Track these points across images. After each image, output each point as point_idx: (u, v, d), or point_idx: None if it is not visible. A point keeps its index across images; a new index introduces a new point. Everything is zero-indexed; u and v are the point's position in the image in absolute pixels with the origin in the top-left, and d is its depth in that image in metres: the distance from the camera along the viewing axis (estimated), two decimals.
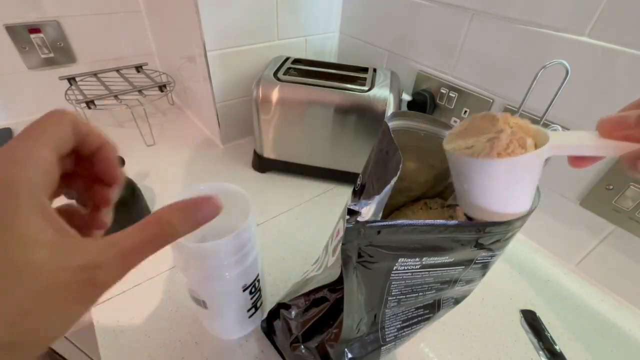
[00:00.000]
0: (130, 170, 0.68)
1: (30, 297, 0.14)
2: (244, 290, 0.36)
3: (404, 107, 0.69)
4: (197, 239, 0.35)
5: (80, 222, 0.20)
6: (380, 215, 0.26)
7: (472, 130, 0.26)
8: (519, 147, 0.23)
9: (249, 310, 0.39)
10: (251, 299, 0.38)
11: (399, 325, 0.32)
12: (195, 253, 0.30)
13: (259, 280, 0.38)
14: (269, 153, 0.69)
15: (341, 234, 0.24)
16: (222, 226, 0.35)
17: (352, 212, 0.22)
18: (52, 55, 0.79)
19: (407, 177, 0.42)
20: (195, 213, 0.19)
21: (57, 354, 0.62)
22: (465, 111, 0.62)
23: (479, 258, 0.28)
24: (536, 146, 0.23)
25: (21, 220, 0.14)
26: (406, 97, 0.65)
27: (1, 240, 0.13)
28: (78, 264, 0.15)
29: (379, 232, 0.22)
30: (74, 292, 0.15)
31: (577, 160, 0.24)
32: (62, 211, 0.20)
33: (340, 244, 0.23)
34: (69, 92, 0.76)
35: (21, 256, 0.14)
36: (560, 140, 0.23)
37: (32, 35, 0.75)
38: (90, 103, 0.71)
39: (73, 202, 0.21)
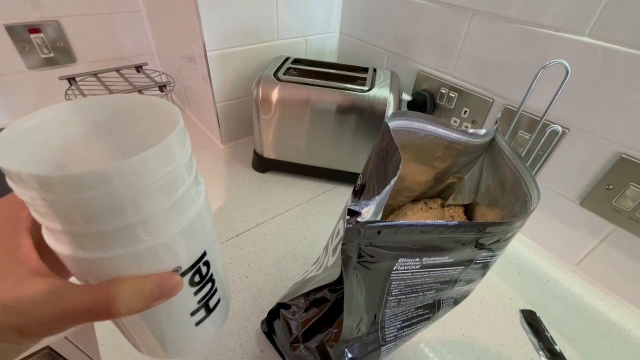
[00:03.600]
0: None
1: None
2: (180, 275, 0.20)
3: (404, 107, 0.69)
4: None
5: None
6: (380, 215, 0.26)
7: None
8: None
9: (193, 314, 0.23)
10: (196, 292, 0.22)
11: (399, 325, 0.32)
12: (75, 188, 0.15)
13: (208, 263, 0.23)
14: (269, 153, 0.69)
15: (341, 234, 0.24)
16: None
17: (352, 213, 0.22)
18: (52, 55, 0.79)
19: (407, 177, 0.42)
20: (152, 292, 0.18)
21: (57, 354, 0.62)
22: (465, 111, 0.62)
23: (479, 258, 0.28)
24: None
25: None
26: (406, 97, 0.65)
27: None
28: (15, 306, 0.16)
29: (379, 233, 0.22)
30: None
31: None
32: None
33: (340, 244, 0.23)
34: (69, 92, 0.76)
35: None
36: None
37: (32, 35, 0.75)
38: None
39: None
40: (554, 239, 0.58)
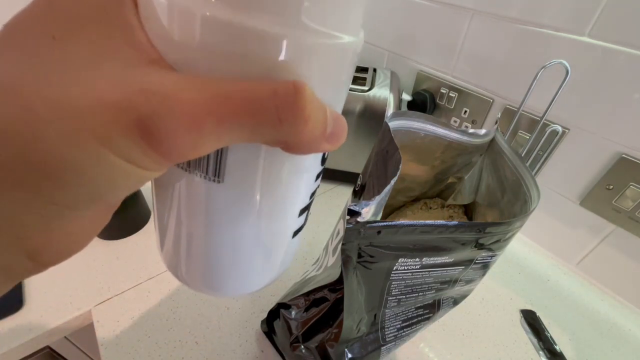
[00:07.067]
0: None
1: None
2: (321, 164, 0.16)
3: (404, 107, 0.69)
4: None
5: None
6: (380, 215, 0.26)
7: None
8: None
9: (302, 213, 0.17)
10: (317, 177, 0.17)
11: (399, 325, 0.32)
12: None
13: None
14: None
15: (341, 234, 0.24)
16: None
17: (352, 213, 0.22)
18: None
19: (407, 177, 0.42)
20: (328, 118, 0.12)
21: (57, 353, 0.62)
22: (465, 111, 0.62)
23: (479, 258, 0.28)
24: None
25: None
26: (406, 97, 0.65)
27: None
28: (145, 88, 0.09)
29: (379, 233, 0.22)
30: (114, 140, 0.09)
31: None
32: None
33: (340, 244, 0.23)
34: None
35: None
36: None
37: None
38: None
39: None
40: (554, 239, 0.58)
